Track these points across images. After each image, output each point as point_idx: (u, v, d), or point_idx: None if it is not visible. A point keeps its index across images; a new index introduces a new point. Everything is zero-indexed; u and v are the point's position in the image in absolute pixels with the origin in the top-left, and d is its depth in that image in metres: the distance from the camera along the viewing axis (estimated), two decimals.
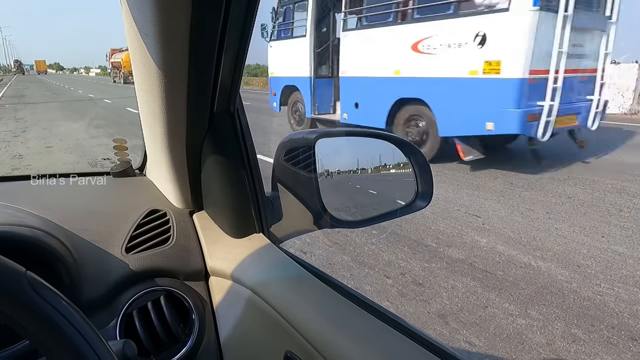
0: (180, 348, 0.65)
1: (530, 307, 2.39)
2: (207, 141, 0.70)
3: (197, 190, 0.79)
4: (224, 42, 0.54)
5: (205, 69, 0.57)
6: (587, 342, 2.08)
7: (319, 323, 0.54)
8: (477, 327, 2.21)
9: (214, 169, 0.72)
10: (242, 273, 0.68)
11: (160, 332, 0.65)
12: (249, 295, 0.65)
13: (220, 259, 0.72)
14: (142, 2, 0.47)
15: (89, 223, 0.73)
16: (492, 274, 2.78)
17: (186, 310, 0.69)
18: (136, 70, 0.63)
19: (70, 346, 0.33)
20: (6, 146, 6.92)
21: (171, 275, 0.71)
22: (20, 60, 77.88)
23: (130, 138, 1.12)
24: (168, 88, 0.58)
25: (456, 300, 2.48)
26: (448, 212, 3.90)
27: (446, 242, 3.26)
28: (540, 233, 3.44)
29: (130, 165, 1.02)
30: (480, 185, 4.82)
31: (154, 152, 0.82)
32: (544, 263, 2.92)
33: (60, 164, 5.65)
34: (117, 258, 0.68)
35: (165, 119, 0.65)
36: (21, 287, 0.32)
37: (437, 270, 2.84)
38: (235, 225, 0.75)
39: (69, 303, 0.34)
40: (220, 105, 0.65)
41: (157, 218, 0.78)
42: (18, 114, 11.58)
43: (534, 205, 4.12)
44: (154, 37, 0.50)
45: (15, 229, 0.58)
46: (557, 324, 2.23)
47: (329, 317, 0.56)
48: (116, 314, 0.64)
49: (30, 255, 0.57)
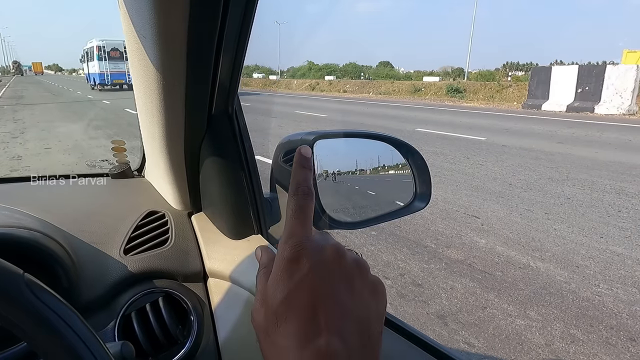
0: (179, 350, 0.65)
1: (529, 308, 2.39)
2: (205, 142, 0.70)
3: (195, 191, 0.79)
4: (222, 44, 0.54)
5: (203, 71, 0.57)
6: (586, 343, 2.08)
7: None
8: (476, 328, 2.21)
9: (213, 171, 0.72)
10: (241, 274, 0.68)
11: (158, 333, 0.65)
12: (247, 297, 0.65)
13: (219, 261, 0.72)
14: (140, 4, 0.47)
15: (87, 224, 0.73)
16: (491, 274, 2.78)
17: (184, 311, 0.69)
18: (134, 72, 0.63)
19: (68, 348, 0.33)
20: (5, 147, 6.91)
21: (169, 276, 0.71)
22: (19, 61, 77.81)
23: (128, 139, 1.12)
24: (166, 90, 0.58)
25: (455, 301, 2.48)
26: (447, 212, 3.91)
27: (445, 243, 3.26)
28: (539, 234, 3.44)
29: (128, 167, 1.02)
30: (479, 186, 4.82)
31: (152, 153, 0.82)
32: (542, 264, 2.92)
33: (59, 165, 5.64)
34: (116, 260, 0.68)
35: (163, 121, 0.65)
36: (19, 289, 0.32)
37: (436, 271, 2.84)
38: (233, 227, 0.75)
39: (66, 305, 0.34)
40: (218, 106, 0.65)
41: (155, 219, 0.78)
42: (17, 115, 11.56)
43: (532, 206, 4.13)
44: (152, 39, 0.50)
45: (14, 231, 0.58)
46: (556, 325, 2.23)
47: None
48: (114, 315, 0.64)
49: (28, 257, 0.57)
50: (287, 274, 0.30)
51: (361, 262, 0.34)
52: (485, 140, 7.99)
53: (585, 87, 13.22)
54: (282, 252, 0.32)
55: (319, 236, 0.33)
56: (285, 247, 0.31)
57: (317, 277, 0.30)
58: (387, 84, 25.36)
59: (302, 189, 0.33)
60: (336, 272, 0.31)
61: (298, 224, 0.32)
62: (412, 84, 23.73)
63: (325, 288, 0.30)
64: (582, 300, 2.46)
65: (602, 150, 6.92)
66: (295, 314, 0.29)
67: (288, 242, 0.31)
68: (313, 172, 0.34)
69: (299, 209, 0.33)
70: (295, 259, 0.31)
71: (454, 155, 6.54)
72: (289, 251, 0.31)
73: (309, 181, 0.34)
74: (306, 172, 0.34)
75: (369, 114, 13.64)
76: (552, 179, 5.10)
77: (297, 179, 0.34)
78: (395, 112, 14.37)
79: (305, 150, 0.35)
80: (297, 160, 0.34)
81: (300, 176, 0.34)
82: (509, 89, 18.27)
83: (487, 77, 29.80)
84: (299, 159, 0.34)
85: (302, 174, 0.34)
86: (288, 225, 0.32)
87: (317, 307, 0.29)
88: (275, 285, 0.31)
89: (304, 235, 0.32)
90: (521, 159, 6.26)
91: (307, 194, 0.33)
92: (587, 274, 2.77)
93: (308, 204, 0.33)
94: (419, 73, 52.13)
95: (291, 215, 0.33)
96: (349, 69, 51.90)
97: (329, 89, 27.13)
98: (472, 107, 16.34)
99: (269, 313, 0.30)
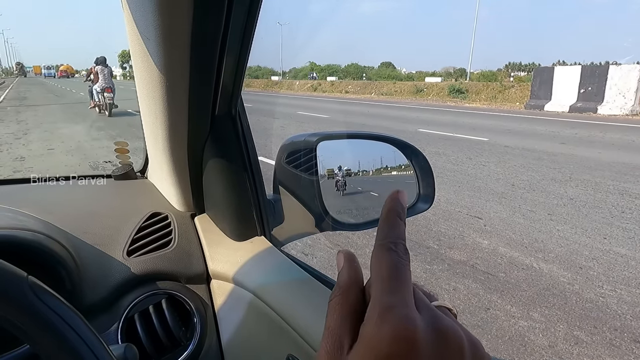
0: (182, 352, 0.65)
1: (533, 309, 2.38)
2: (208, 144, 0.70)
3: (198, 193, 0.78)
4: (226, 45, 0.54)
5: (206, 72, 0.57)
6: (590, 345, 2.07)
7: (321, 326, 0.54)
8: (479, 329, 2.21)
9: (216, 172, 0.72)
10: (244, 276, 0.68)
11: (161, 335, 0.64)
12: (250, 299, 0.65)
13: (222, 262, 0.72)
14: (144, 6, 0.47)
15: (90, 226, 0.73)
16: (494, 275, 2.77)
17: (188, 313, 0.69)
18: (138, 73, 0.62)
19: (71, 351, 0.32)
20: (8, 148, 6.94)
21: (173, 278, 0.71)
22: (22, 62, 78.27)
23: (131, 140, 1.12)
24: (169, 91, 0.58)
25: (458, 302, 2.47)
26: (449, 213, 3.90)
27: (448, 244, 3.25)
28: (542, 235, 3.43)
29: (131, 168, 1.02)
30: (482, 187, 4.81)
31: (155, 154, 0.82)
32: (546, 265, 2.91)
33: (62, 167, 5.65)
34: (119, 261, 0.68)
35: (166, 122, 0.65)
36: (22, 291, 0.32)
37: (439, 272, 2.84)
38: (236, 228, 0.75)
39: (70, 307, 0.34)
40: (221, 108, 0.65)
41: (158, 221, 0.78)
42: (20, 116, 11.60)
43: (535, 206, 4.11)
44: (156, 40, 0.50)
45: (17, 233, 0.58)
46: (559, 326, 2.22)
47: None
48: (117, 317, 0.64)
49: (31, 259, 0.57)
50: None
51: (479, 349, 0.24)
52: (487, 140, 7.98)
53: (588, 88, 13.18)
54: (378, 334, 0.21)
55: (422, 306, 0.24)
56: (383, 328, 0.21)
57: None
58: (389, 84, 25.35)
59: (402, 245, 0.25)
60: None
61: (399, 293, 0.23)
62: (414, 85, 23.72)
63: None
64: (585, 302, 2.45)
65: (605, 151, 6.89)
66: None
67: (386, 320, 0.22)
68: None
69: (399, 270, 0.24)
70: (400, 356, 0.21)
71: (457, 155, 6.52)
72: (390, 339, 0.21)
73: (404, 237, 0.26)
74: (402, 226, 0.26)
75: (371, 114, 13.64)
76: (555, 180, 5.08)
77: (393, 231, 0.26)
78: (397, 112, 14.36)
79: (403, 196, 0.27)
80: (392, 207, 0.27)
81: (397, 229, 0.26)
82: (512, 89, 18.24)
83: (489, 77, 29.77)
84: (394, 207, 0.27)
85: (398, 226, 0.26)
86: (382, 290, 0.23)
87: None
88: None
89: (411, 315, 0.22)
90: (524, 160, 6.24)
91: (407, 253, 0.25)
92: (591, 275, 2.76)
93: (408, 267, 0.25)
94: (421, 74, 52.16)
95: (388, 276, 0.24)
96: (351, 70, 51.97)
97: (331, 89, 27.15)
98: (474, 108, 16.31)
99: None
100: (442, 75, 48.24)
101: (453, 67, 58.01)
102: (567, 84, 13.67)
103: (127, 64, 58.35)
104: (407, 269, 0.24)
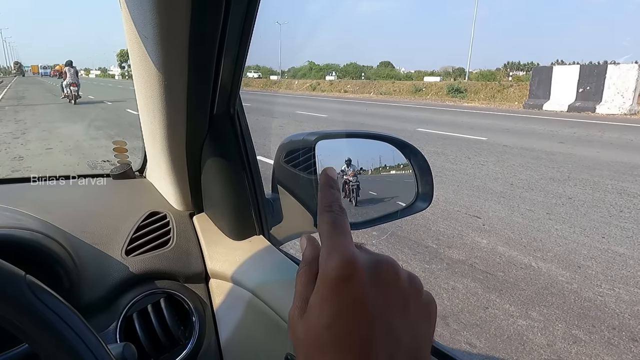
0: (181, 351, 0.65)
1: (531, 308, 2.38)
2: (207, 143, 0.70)
3: (197, 192, 0.78)
4: (224, 44, 0.54)
5: (205, 71, 0.57)
6: (588, 343, 2.08)
7: None
8: (478, 328, 2.21)
9: (214, 171, 0.72)
10: (243, 275, 0.68)
11: (160, 335, 0.64)
12: (249, 298, 0.65)
13: (221, 261, 0.72)
14: (142, 5, 0.47)
15: (88, 225, 0.73)
16: (493, 275, 2.78)
17: (186, 312, 0.69)
18: (136, 73, 0.62)
19: (69, 350, 0.32)
20: (6, 148, 6.92)
21: (171, 277, 0.71)
22: (20, 62, 78.06)
23: (130, 140, 1.12)
24: (168, 90, 0.58)
25: (457, 302, 2.47)
26: (448, 212, 3.90)
27: (446, 243, 3.25)
28: (540, 234, 3.43)
29: (130, 167, 1.01)
30: (481, 186, 4.82)
31: (154, 154, 0.82)
32: (544, 264, 2.92)
33: (60, 166, 5.64)
34: (117, 260, 0.68)
35: (165, 121, 0.64)
36: (20, 290, 0.32)
37: (438, 271, 2.84)
38: (235, 227, 0.75)
39: (68, 306, 0.34)
40: (220, 107, 0.65)
41: (157, 220, 0.78)
42: (18, 116, 11.57)
43: (534, 206, 4.12)
44: (154, 39, 0.50)
45: (15, 232, 0.58)
46: (558, 325, 2.23)
47: None
48: (116, 316, 0.63)
49: (29, 258, 0.57)
50: (335, 295, 0.26)
51: (415, 279, 0.30)
52: (486, 140, 7.99)
53: (586, 87, 13.20)
54: (327, 268, 0.27)
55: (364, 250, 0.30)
56: (329, 263, 0.27)
57: (373, 302, 0.26)
58: (388, 84, 25.35)
59: (337, 205, 0.31)
60: (393, 294, 0.28)
61: (339, 237, 0.29)
62: (413, 84, 23.73)
63: (381, 316, 0.27)
64: (584, 301, 2.45)
65: (603, 150, 6.91)
66: (349, 348, 0.25)
67: (332, 257, 0.27)
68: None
69: (337, 223, 0.30)
70: (345, 277, 0.26)
71: (455, 155, 6.53)
72: (336, 267, 0.27)
73: (340, 200, 0.32)
74: (335, 192, 0.32)
75: (370, 114, 13.64)
76: (553, 179, 5.09)
77: (328, 198, 0.32)
78: (396, 112, 14.36)
79: (332, 172, 0.33)
80: (325, 181, 0.33)
81: (331, 196, 0.32)
82: (510, 88, 18.26)
83: (488, 77, 29.82)
84: (326, 180, 0.33)
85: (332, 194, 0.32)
86: (327, 239, 0.29)
87: (372, 340, 0.26)
88: (320, 305, 0.27)
89: (350, 250, 0.28)
90: (522, 159, 6.25)
91: (342, 210, 0.31)
92: (589, 274, 2.77)
93: (345, 219, 0.30)
94: (419, 73, 52.19)
95: (328, 229, 0.29)
96: (349, 69, 51.96)
97: (330, 89, 27.14)
98: (473, 107, 16.32)
99: (311, 335, 0.27)
100: (440, 74, 48.27)
101: (452, 67, 58.07)
102: (565, 83, 13.69)
103: (125, 63, 58.30)
104: (344, 221, 0.30)
